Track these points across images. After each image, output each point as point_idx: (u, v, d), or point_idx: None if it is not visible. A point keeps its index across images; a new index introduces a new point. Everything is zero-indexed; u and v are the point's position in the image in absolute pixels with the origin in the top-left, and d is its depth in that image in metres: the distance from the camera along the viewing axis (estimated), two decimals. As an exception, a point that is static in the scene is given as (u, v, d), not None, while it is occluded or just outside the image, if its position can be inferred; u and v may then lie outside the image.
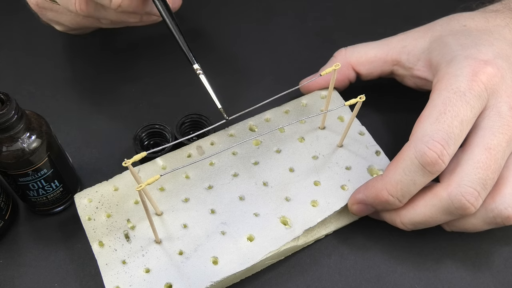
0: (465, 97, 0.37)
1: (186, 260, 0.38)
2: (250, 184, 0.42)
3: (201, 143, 0.44)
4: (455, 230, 0.39)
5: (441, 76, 0.39)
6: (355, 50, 0.46)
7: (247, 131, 0.45)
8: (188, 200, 0.41)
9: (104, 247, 0.39)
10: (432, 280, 0.41)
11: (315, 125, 0.45)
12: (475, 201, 0.36)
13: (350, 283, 0.41)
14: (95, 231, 0.39)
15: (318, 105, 0.46)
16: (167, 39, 0.54)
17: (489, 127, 0.37)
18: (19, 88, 0.51)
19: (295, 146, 0.44)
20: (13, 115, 0.35)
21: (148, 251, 0.38)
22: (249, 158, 0.43)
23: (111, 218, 0.40)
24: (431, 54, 0.42)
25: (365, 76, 0.47)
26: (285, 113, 0.46)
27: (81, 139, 0.48)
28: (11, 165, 0.37)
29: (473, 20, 0.42)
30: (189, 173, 0.42)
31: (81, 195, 0.41)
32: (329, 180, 0.42)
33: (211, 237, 0.39)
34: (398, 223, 0.39)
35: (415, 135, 0.37)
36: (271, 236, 0.39)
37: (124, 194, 0.41)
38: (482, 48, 0.39)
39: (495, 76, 0.38)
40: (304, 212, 0.40)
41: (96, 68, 0.53)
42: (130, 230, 0.39)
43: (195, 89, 0.51)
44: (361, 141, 0.44)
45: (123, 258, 0.38)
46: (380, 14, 0.58)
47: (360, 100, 0.37)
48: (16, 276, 0.41)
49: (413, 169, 0.37)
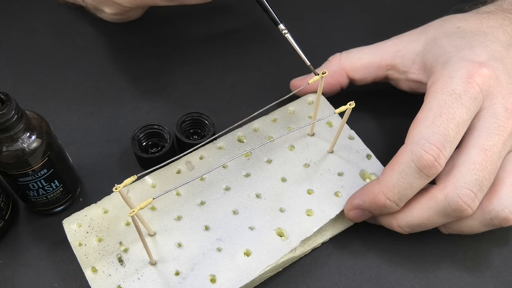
0: (460, 100, 0.37)
1: (183, 280, 0.37)
2: (243, 197, 0.41)
3: (190, 158, 0.43)
4: (452, 233, 0.39)
5: (436, 78, 0.39)
6: (350, 55, 0.46)
7: (235, 142, 0.44)
8: (180, 218, 0.40)
9: (97, 273, 0.37)
10: (432, 280, 0.41)
11: (304, 132, 0.44)
12: (471, 202, 0.36)
13: (350, 283, 0.40)
14: (87, 257, 0.38)
15: (305, 111, 0.46)
16: (167, 39, 0.55)
17: (485, 128, 0.37)
18: (19, 88, 0.51)
19: (286, 155, 0.43)
20: (13, 115, 0.35)
21: (143, 273, 0.37)
22: (240, 170, 0.42)
23: (103, 242, 0.39)
24: (426, 57, 0.42)
25: (359, 81, 0.46)
26: (273, 122, 0.45)
27: (81, 139, 0.48)
28: (11, 165, 0.37)
29: (466, 21, 0.42)
30: (179, 189, 0.41)
31: (69, 220, 0.40)
32: (322, 188, 0.41)
33: (207, 254, 0.38)
34: (395, 226, 0.39)
35: (411, 138, 0.37)
36: (268, 249, 0.39)
37: (114, 216, 0.40)
38: (477, 49, 0.39)
39: (490, 78, 0.37)
40: (299, 222, 0.40)
41: (96, 68, 0.53)
42: (123, 253, 0.38)
43: (195, 89, 0.52)
44: (352, 145, 0.44)
45: (118, 283, 0.37)
46: (380, 14, 0.58)
47: (350, 107, 0.37)
48: (16, 276, 0.41)
49: (409, 172, 0.36)
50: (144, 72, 0.52)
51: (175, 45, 0.54)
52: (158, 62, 0.53)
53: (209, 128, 0.45)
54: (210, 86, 0.52)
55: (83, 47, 0.54)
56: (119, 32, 0.54)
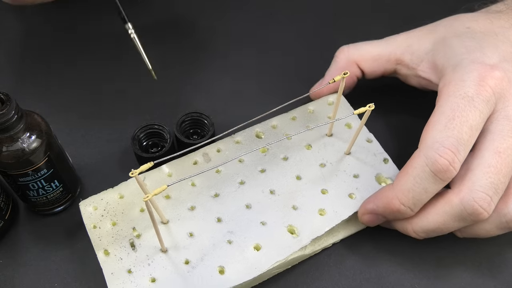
0: (473, 102, 0.36)
1: (192, 269, 0.37)
2: (257, 192, 0.41)
3: (207, 150, 0.43)
4: (467, 236, 0.39)
5: (448, 81, 0.39)
6: (358, 47, 0.46)
7: (253, 138, 0.44)
8: (194, 208, 0.40)
9: (109, 255, 0.38)
10: (432, 280, 0.41)
11: (322, 132, 0.44)
12: (487, 206, 0.35)
13: (350, 283, 0.40)
14: (100, 240, 0.39)
15: (325, 112, 0.46)
16: (167, 39, 0.55)
17: (499, 131, 0.36)
18: (19, 88, 0.51)
19: (302, 154, 0.43)
20: (13, 115, 0.35)
21: (154, 260, 0.38)
22: (256, 165, 0.43)
23: (117, 226, 0.39)
24: (436, 56, 0.41)
25: (369, 74, 0.46)
26: (292, 120, 0.45)
27: (81, 139, 0.48)
28: (11, 165, 0.37)
29: (476, 21, 0.42)
30: (195, 181, 0.42)
31: (86, 202, 0.40)
32: (336, 188, 0.41)
33: (218, 246, 0.38)
34: (410, 231, 0.39)
35: (425, 142, 0.37)
36: (278, 245, 0.39)
37: (130, 202, 0.41)
38: (487, 51, 0.39)
39: (502, 80, 0.37)
40: (311, 221, 0.40)
41: (96, 68, 0.53)
42: (135, 238, 0.39)
43: (195, 89, 0.51)
44: (369, 148, 0.44)
45: (129, 267, 0.38)
46: (380, 14, 0.57)
47: (369, 109, 0.37)
48: (16, 276, 0.41)
49: (424, 177, 0.36)
50: (144, 72, 0.51)
51: (175, 45, 0.54)
52: (158, 62, 0.52)
53: (208, 128, 0.45)
54: (210, 86, 0.52)
55: (83, 47, 0.54)
56: (118, 32, 0.53)
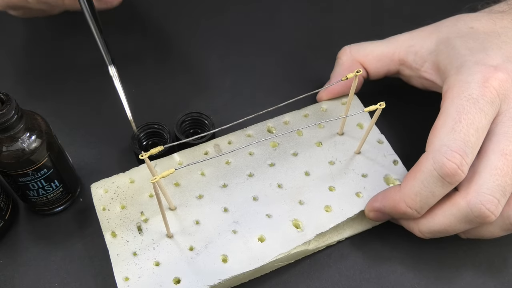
0: (478, 104, 0.36)
1: (196, 256, 0.38)
2: (265, 185, 0.42)
3: (219, 141, 0.44)
4: (471, 238, 0.39)
5: (452, 83, 0.39)
6: (360, 47, 0.46)
7: (265, 132, 0.45)
8: (202, 197, 0.41)
9: (116, 237, 0.39)
10: (432, 280, 0.40)
11: (334, 130, 0.45)
12: (495, 209, 0.35)
13: (350, 283, 0.40)
14: (108, 221, 0.40)
15: (338, 111, 0.46)
16: (167, 39, 0.55)
17: (504, 133, 0.36)
18: (19, 88, 0.51)
19: (312, 151, 0.44)
20: (13, 115, 0.35)
21: (159, 244, 0.39)
22: (266, 159, 0.43)
23: (125, 209, 0.40)
24: (439, 57, 0.41)
25: (372, 74, 0.46)
26: (304, 117, 0.46)
27: (81, 139, 0.48)
28: (11, 165, 0.37)
29: (479, 22, 0.41)
30: (205, 170, 0.42)
31: (97, 185, 0.41)
32: (344, 186, 0.42)
33: (222, 235, 0.39)
34: (416, 231, 0.39)
35: (432, 145, 0.37)
36: (282, 238, 0.39)
37: (140, 187, 0.41)
38: (491, 52, 0.39)
39: (506, 81, 0.37)
40: (317, 217, 0.40)
41: (96, 68, 0.53)
42: (143, 222, 0.40)
43: (195, 89, 0.51)
44: (379, 149, 0.44)
45: (134, 250, 0.38)
46: (381, 14, 0.57)
47: (380, 107, 0.37)
48: (16, 276, 0.41)
49: (432, 181, 0.36)
50: (144, 72, 0.52)
51: (175, 44, 0.55)
52: (158, 62, 0.53)
53: (208, 128, 0.46)
54: (210, 86, 0.52)
55: (83, 47, 0.54)
56: (118, 33, 0.54)
